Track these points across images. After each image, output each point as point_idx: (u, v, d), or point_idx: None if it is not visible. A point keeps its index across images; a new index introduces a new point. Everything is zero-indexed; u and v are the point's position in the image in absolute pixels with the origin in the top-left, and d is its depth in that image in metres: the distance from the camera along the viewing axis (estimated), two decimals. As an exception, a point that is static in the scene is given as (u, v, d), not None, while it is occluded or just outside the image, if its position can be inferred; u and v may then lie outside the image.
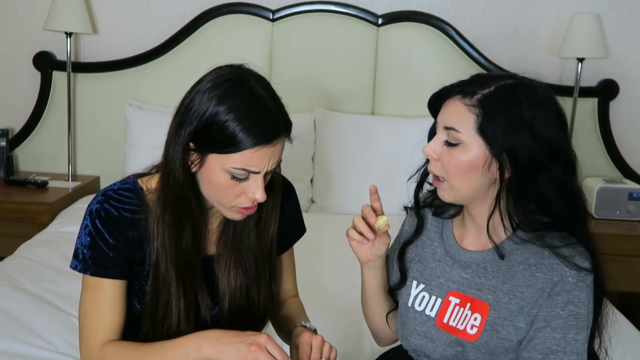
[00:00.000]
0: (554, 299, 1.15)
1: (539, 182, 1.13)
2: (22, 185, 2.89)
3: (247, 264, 1.30)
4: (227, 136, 1.12)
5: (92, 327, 1.23)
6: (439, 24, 2.99)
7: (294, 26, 3.01)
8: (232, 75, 1.16)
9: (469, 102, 1.14)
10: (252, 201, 1.18)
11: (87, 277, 1.23)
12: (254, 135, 1.12)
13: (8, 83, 3.15)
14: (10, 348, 1.63)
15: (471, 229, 1.26)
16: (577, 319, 1.14)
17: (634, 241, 2.70)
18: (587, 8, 2.97)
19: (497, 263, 1.21)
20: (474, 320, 1.20)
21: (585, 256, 1.15)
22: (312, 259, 2.30)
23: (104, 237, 1.21)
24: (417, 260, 1.32)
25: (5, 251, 2.43)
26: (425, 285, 1.29)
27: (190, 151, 1.16)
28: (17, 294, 1.89)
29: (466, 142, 1.14)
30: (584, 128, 3.02)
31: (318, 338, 1.20)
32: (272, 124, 1.15)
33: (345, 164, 2.86)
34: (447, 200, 1.21)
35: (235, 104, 1.12)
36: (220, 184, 1.16)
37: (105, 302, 1.22)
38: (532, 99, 1.13)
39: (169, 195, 1.20)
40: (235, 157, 1.13)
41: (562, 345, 1.14)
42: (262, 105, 1.15)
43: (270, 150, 1.15)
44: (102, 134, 3.11)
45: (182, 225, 1.22)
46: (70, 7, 2.86)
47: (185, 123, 1.15)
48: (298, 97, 3.02)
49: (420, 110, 2.92)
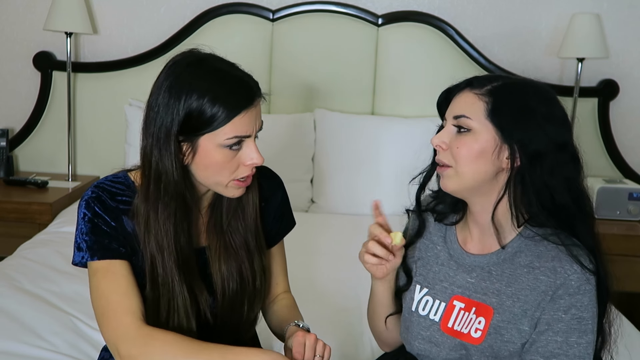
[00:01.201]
0: (557, 302, 1.14)
1: (548, 171, 1.14)
2: (22, 185, 2.89)
3: (236, 246, 1.30)
4: (210, 116, 1.15)
5: (119, 306, 1.17)
6: (439, 24, 2.99)
7: (294, 26, 3.01)
8: (186, 62, 1.20)
9: (478, 92, 1.17)
10: (250, 168, 1.21)
11: (95, 263, 1.20)
12: (235, 104, 1.16)
13: (8, 83, 3.15)
14: (10, 348, 1.63)
15: (474, 231, 1.25)
16: (579, 322, 1.14)
17: (634, 241, 2.70)
18: (587, 8, 2.96)
19: (501, 266, 1.21)
20: (478, 323, 1.19)
21: (589, 258, 1.15)
22: (312, 259, 2.31)
23: (105, 220, 1.21)
24: (421, 265, 1.32)
25: (5, 251, 2.43)
26: (428, 290, 1.28)
27: (181, 143, 1.18)
28: (17, 294, 1.89)
29: (476, 129, 1.15)
30: (584, 128, 3.02)
31: (311, 337, 1.19)
32: (246, 86, 1.19)
33: (345, 164, 2.86)
34: (450, 189, 1.20)
35: (204, 87, 1.16)
36: (218, 161, 1.18)
37: (122, 279, 1.19)
38: (540, 94, 1.17)
39: (161, 196, 1.20)
40: (226, 129, 1.16)
41: (564, 348, 1.14)
42: (229, 75, 1.19)
43: (254, 111, 1.19)
44: (102, 134, 3.11)
45: (179, 221, 1.22)
46: (70, 7, 2.86)
47: (162, 124, 1.17)
48: (298, 97, 3.02)
49: (420, 110, 2.94)
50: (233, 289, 1.30)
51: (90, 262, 1.21)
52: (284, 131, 2.87)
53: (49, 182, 2.91)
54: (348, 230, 2.61)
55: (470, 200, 1.22)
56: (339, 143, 2.88)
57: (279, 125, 2.89)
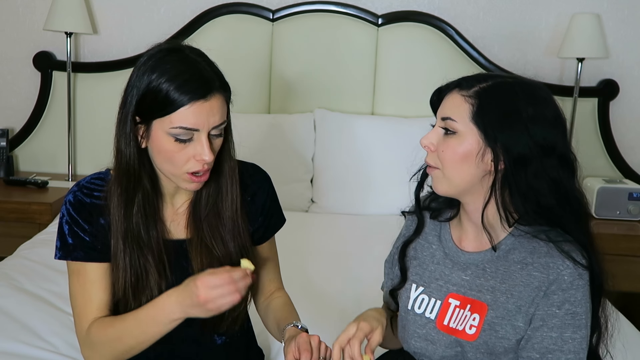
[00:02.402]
0: (550, 297, 1.15)
1: (532, 175, 1.14)
2: (22, 185, 2.89)
3: (213, 243, 1.31)
4: (162, 98, 1.16)
5: (81, 310, 1.27)
6: (439, 24, 2.99)
7: (294, 26, 3.01)
8: (166, 47, 1.23)
9: (466, 94, 1.17)
10: (201, 164, 1.20)
11: (70, 263, 1.28)
12: (186, 92, 1.16)
13: (8, 83, 3.15)
14: (10, 348, 1.63)
15: (469, 229, 1.26)
16: (573, 317, 1.14)
17: (634, 241, 2.70)
18: (587, 8, 2.97)
19: (495, 263, 1.21)
20: (473, 320, 1.20)
21: (582, 253, 1.16)
22: (312, 259, 2.31)
23: (79, 224, 1.26)
24: (417, 264, 1.32)
25: (5, 251, 2.42)
26: (424, 288, 1.29)
27: (137, 125, 1.21)
28: (17, 294, 1.89)
29: (461, 131, 1.16)
30: (584, 128, 3.02)
31: (315, 338, 1.20)
32: (204, 80, 1.19)
33: (345, 164, 2.86)
34: (441, 192, 1.22)
35: (167, 69, 1.18)
36: (167, 149, 1.20)
37: (89, 285, 1.27)
38: (529, 94, 1.16)
39: (124, 181, 1.25)
40: (173, 117, 1.17)
41: (559, 344, 1.14)
42: (194, 66, 1.20)
43: (206, 106, 1.18)
44: (102, 134, 3.08)
45: (130, 197, 1.25)
46: (70, 7, 2.86)
47: (127, 101, 1.21)
48: (298, 97, 3.02)
49: (420, 110, 2.94)
50: None
51: (67, 261, 1.29)
52: (284, 131, 2.88)
53: (49, 182, 2.91)
54: (348, 230, 2.62)
55: (463, 200, 1.23)
56: (339, 143, 2.88)
57: (279, 125, 2.89)
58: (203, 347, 1.36)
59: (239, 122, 3.13)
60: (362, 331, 1.21)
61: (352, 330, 1.21)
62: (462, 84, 1.19)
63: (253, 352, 1.51)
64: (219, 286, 1.14)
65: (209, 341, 1.36)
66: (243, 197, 1.35)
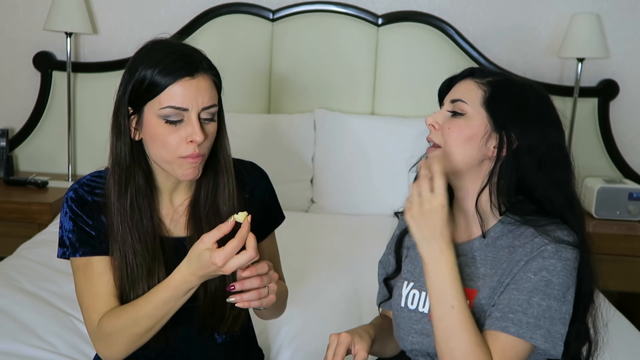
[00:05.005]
0: (529, 264, 1.15)
1: (532, 165, 1.17)
2: (22, 185, 2.89)
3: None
4: (149, 83, 1.19)
5: (90, 305, 1.26)
6: (439, 23, 2.99)
7: (294, 26, 3.01)
8: (150, 40, 1.25)
9: (479, 81, 1.22)
10: (193, 147, 1.21)
11: (76, 259, 1.27)
12: (172, 71, 1.19)
13: (8, 83, 3.15)
14: (10, 348, 1.63)
15: (460, 219, 1.27)
16: (547, 285, 1.13)
17: (634, 241, 2.69)
18: (587, 8, 2.97)
19: (484, 250, 1.22)
20: None
21: (570, 233, 1.16)
22: (312, 259, 2.31)
23: (83, 219, 1.27)
24: (408, 261, 1.34)
25: (5, 251, 2.43)
26: (414, 283, 1.30)
27: (131, 117, 1.24)
28: (17, 294, 1.89)
29: (470, 113, 1.20)
30: (584, 128, 3.02)
31: (264, 265, 1.18)
32: (190, 59, 1.21)
33: (345, 164, 2.86)
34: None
35: (152, 56, 1.21)
36: (159, 133, 1.21)
37: (96, 278, 1.26)
38: (538, 95, 1.22)
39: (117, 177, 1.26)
40: (162, 97, 1.19)
41: (524, 306, 1.13)
42: (179, 49, 1.23)
43: (193, 83, 1.19)
44: (102, 134, 3.08)
45: (122, 192, 1.25)
46: (70, 7, 2.86)
47: (119, 96, 1.25)
48: (298, 97, 3.02)
49: (420, 110, 2.94)
50: (215, 284, 1.29)
51: (72, 258, 1.28)
52: (284, 131, 2.88)
53: (49, 182, 2.91)
54: (348, 230, 2.62)
55: (456, 184, 1.25)
56: (339, 143, 2.88)
57: (279, 125, 2.89)
58: (203, 346, 1.36)
59: (239, 122, 3.13)
60: (343, 344, 1.23)
61: (334, 344, 1.23)
62: (475, 72, 1.24)
63: (253, 351, 1.51)
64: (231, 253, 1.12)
65: (209, 340, 1.36)
66: (241, 195, 1.35)
